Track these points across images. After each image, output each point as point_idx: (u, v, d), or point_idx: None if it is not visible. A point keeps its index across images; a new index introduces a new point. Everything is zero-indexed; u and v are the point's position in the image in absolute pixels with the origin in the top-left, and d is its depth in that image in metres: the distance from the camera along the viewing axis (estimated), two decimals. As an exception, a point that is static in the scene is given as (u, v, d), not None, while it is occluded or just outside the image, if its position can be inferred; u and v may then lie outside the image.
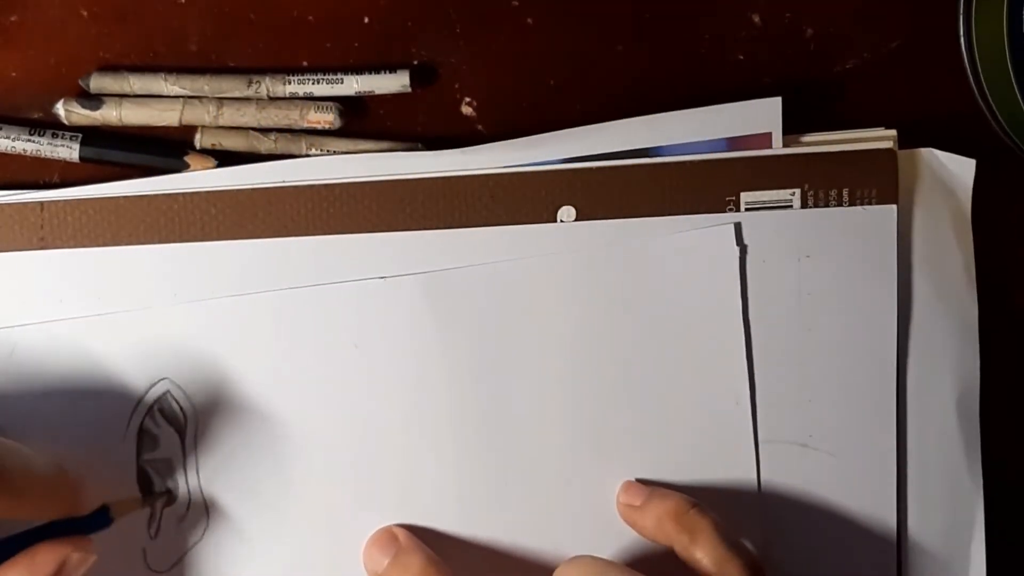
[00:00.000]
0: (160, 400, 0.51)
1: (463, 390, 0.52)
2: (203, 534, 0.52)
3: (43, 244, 0.51)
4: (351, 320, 0.52)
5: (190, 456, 0.51)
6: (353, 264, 0.52)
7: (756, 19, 0.55)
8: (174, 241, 0.51)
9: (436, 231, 0.52)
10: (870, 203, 0.53)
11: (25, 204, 0.51)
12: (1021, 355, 0.57)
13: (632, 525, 0.52)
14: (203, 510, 0.52)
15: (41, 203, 0.51)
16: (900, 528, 0.54)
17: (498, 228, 0.52)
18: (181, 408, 0.51)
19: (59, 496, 0.46)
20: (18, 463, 0.44)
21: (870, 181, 0.53)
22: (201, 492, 0.52)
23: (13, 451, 0.44)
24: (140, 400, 0.51)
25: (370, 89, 0.53)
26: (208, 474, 0.52)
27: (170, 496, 0.51)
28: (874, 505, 0.54)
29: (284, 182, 0.51)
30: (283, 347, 0.52)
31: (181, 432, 0.51)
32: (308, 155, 0.52)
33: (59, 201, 0.51)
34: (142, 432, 0.51)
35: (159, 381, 0.51)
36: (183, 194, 0.51)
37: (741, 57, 0.55)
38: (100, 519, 0.47)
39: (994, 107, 0.54)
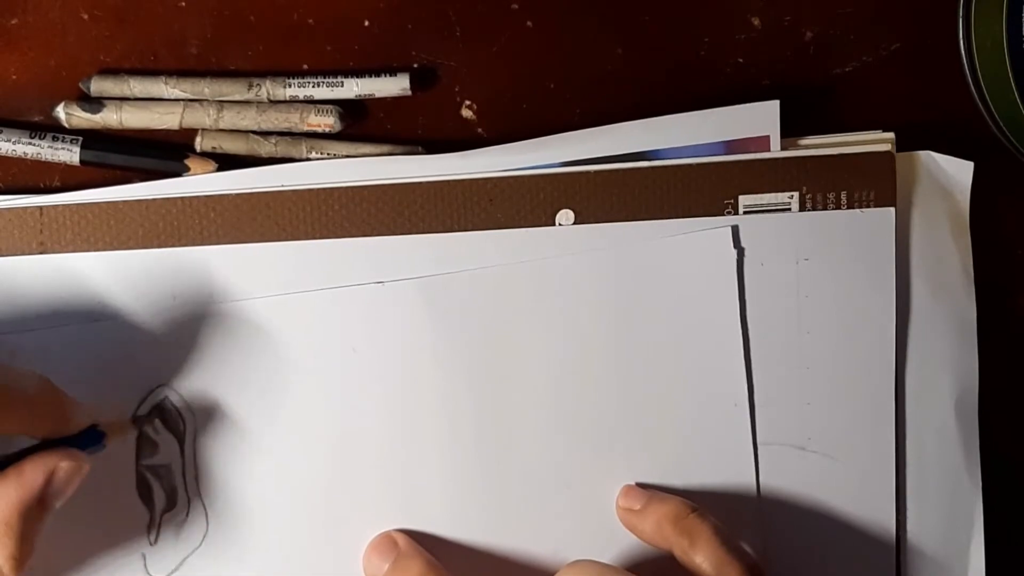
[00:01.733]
0: (159, 406, 0.51)
1: (462, 394, 0.52)
2: (202, 540, 0.51)
3: (42, 248, 0.50)
4: (349, 325, 0.51)
5: (189, 461, 0.51)
6: (351, 268, 0.51)
7: (756, 22, 0.54)
8: (173, 245, 0.50)
9: (434, 235, 0.51)
10: (868, 206, 0.53)
11: (24, 209, 0.50)
12: (1019, 356, 0.56)
13: (631, 529, 0.51)
14: (202, 516, 0.51)
15: (40, 207, 0.50)
16: (899, 530, 0.54)
17: (496, 232, 0.52)
18: (180, 414, 0.51)
19: (46, 411, 0.44)
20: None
21: (868, 184, 0.52)
22: (200, 498, 0.51)
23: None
24: (139, 406, 0.50)
25: (370, 92, 0.52)
26: (207, 479, 0.51)
27: (169, 502, 0.51)
28: (873, 507, 0.53)
29: (283, 186, 0.51)
30: (282, 352, 0.51)
31: (180, 438, 0.51)
32: (308, 158, 0.52)
33: (58, 206, 0.50)
34: (141, 438, 0.51)
35: (158, 387, 0.51)
36: (182, 198, 0.50)
37: (740, 60, 0.54)
38: (92, 438, 0.46)
39: (993, 110, 0.54)
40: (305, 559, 0.51)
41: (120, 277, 0.50)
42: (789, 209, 0.52)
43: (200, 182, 0.51)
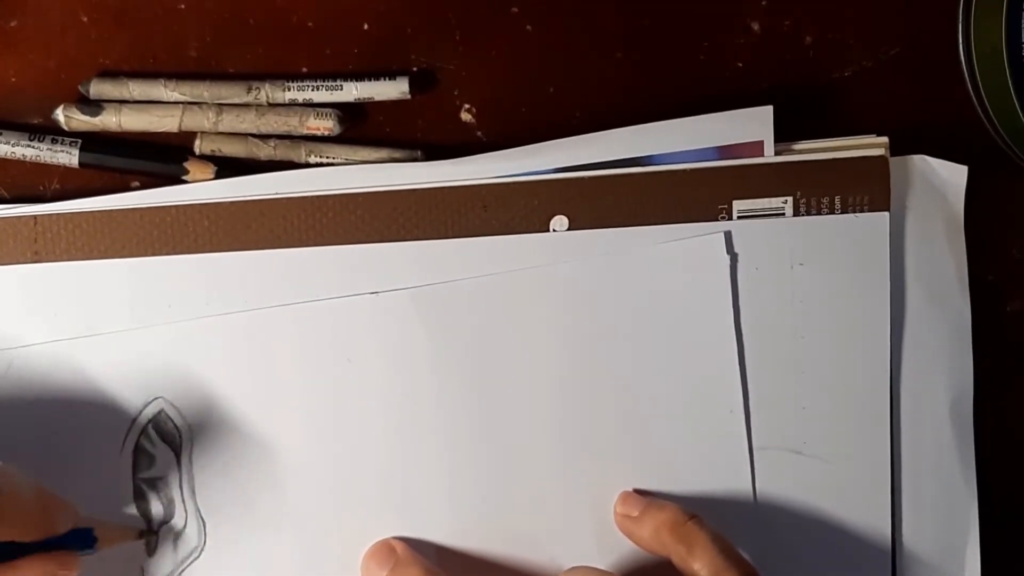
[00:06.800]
0: (155, 419, 0.49)
1: (458, 402, 0.50)
2: (200, 551, 0.49)
3: (37, 258, 0.48)
4: (344, 335, 0.49)
5: (185, 474, 0.49)
6: (346, 275, 0.49)
7: (755, 27, 0.52)
8: (168, 253, 0.48)
9: (429, 241, 0.49)
10: (862, 210, 0.50)
11: (19, 218, 0.48)
12: (1014, 361, 0.54)
13: (629, 536, 0.49)
14: (199, 527, 0.49)
15: (35, 216, 0.48)
16: (894, 533, 0.51)
17: (491, 238, 0.49)
18: (176, 426, 0.49)
19: (40, 519, 0.42)
20: (5, 485, 0.41)
21: (862, 188, 0.50)
22: (197, 509, 0.49)
23: (3, 473, 0.41)
24: (135, 419, 0.49)
25: (369, 95, 0.50)
26: (204, 491, 0.49)
27: (167, 513, 0.49)
28: (869, 511, 0.51)
29: (278, 194, 0.49)
30: (277, 363, 0.49)
31: (176, 450, 0.49)
32: (307, 162, 0.50)
33: (52, 215, 0.48)
34: (137, 451, 0.49)
35: (154, 400, 0.49)
36: (176, 206, 0.48)
37: (740, 65, 0.52)
38: (84, 540, 0.44)
39: (992, 115, 0.51)
40: (303, 568, 0.49)
41: (115, 284, 0.48)
42: (783, 214, 0.50)
43: (195, 190, 0.49)
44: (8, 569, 0.41)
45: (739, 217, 0.50)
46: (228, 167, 0.49)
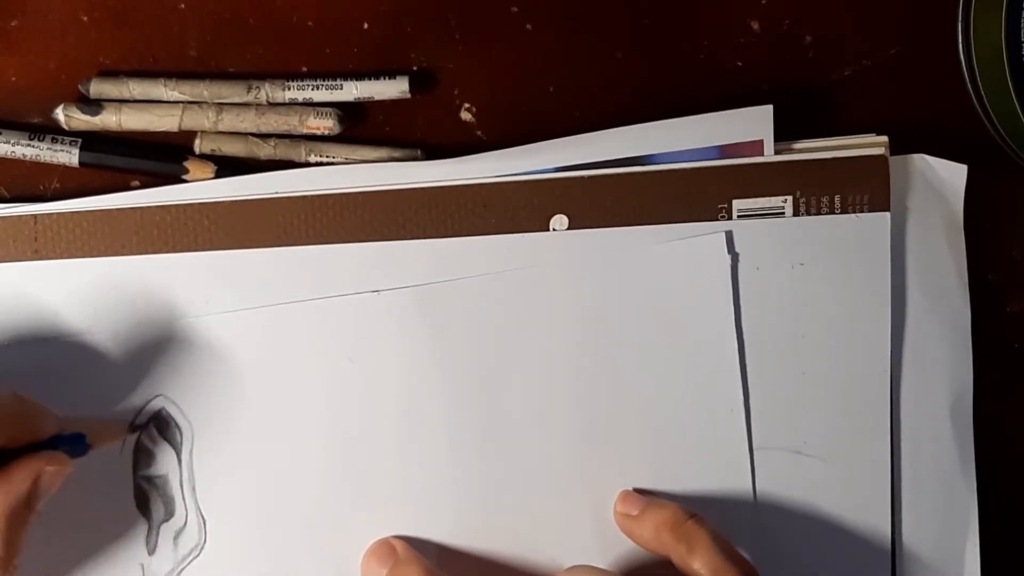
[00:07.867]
0: (156, 416, 0.48)
1: (458, 402, 0.49)
2: (200, 549, 0.49)
3: (37, 256, 0.48)
4: (345, 334, 0.49)
5: (186, 471, 0.49)
6: (346, 274, 0.49)
7: (755, 26, 0.51)
8: (168, 252, 0.48)
9: (429, 240, 0.49)
10: (862, 210, 0.50)
11: (19, 217, 0.48)
12: (1014, 361, 0.53)
13: (629, 535, 0.48)
14: (200, 525, 0.49)
15: (35, 216, 0.48)
16: (894, 533, 0.51)
17: (491, 237, 0.49)
18: (177, 424, 0.49)
19: (21, 426, 0.42)
20: None
21: (862, 187, 0.50)
22: (197, 507, 0.49)
23: None
24: (136, 416, 0.48)
25: (369, 95, 0.49)
26: (204, 489, 0.49)
27: (167, 512, 0.49)
28: (868, 512, 0.50)
29: (278, 193, 0.48)
30: (278, 361, 0.49)
31: (177, 448, 0.49)
32: (307, 161, 0.49)
33: (52, 214, 0.48)
34: (138, 448, 0.48)
35: (155, 397, 0.48)
36: (176, 205, 0.48)
37: (740, 64, 0.51)
38: (75, 443, 0.44)
39: (992, 115, 0.51)
40: (303, 567, 0.49)
41: (115, 283, 0.48)
42: (783, 214, 0.50)
43: (195, 189, 0.48)
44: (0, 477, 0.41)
45: (739, 216, 0.49)
46: (228, 166, 0.49)
